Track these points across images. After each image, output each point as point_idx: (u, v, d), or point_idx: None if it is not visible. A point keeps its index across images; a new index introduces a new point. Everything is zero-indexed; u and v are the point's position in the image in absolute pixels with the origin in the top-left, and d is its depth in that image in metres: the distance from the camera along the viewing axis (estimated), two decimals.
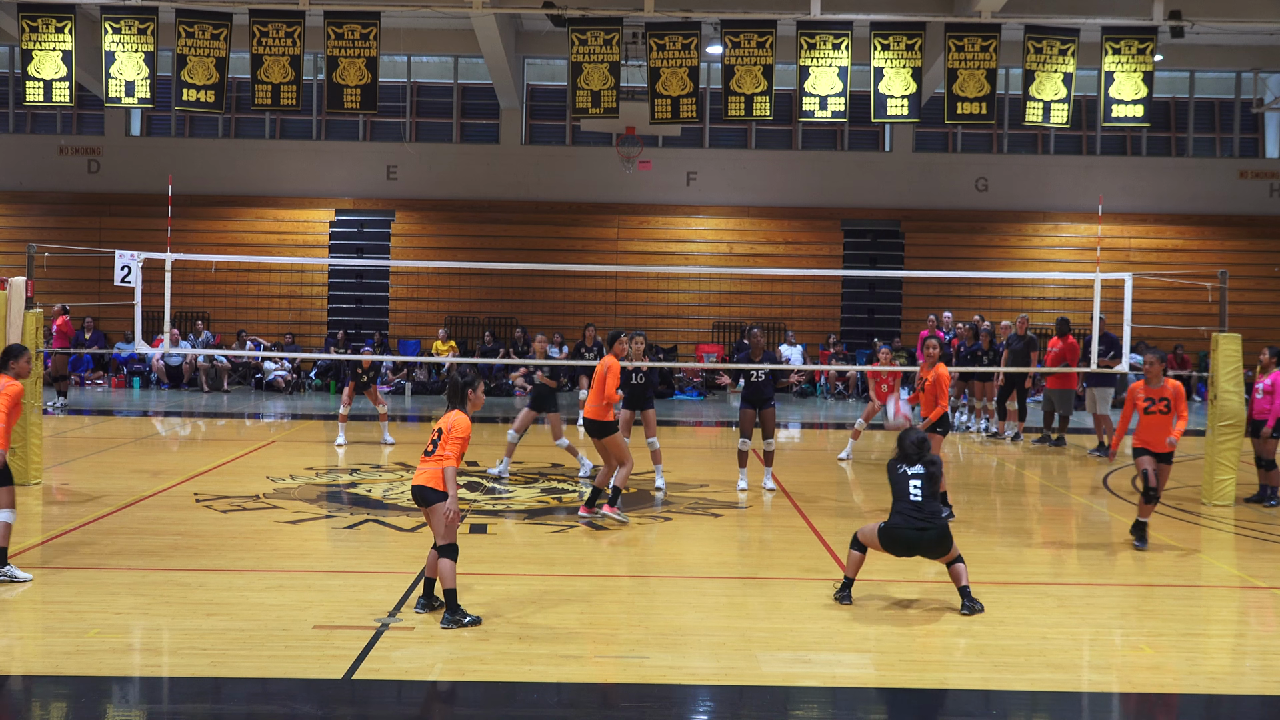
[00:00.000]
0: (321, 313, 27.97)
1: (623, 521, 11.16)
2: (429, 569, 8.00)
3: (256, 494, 12.43)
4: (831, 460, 16.08)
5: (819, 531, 11.06)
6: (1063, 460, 16.62)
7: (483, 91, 29.00)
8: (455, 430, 7.82)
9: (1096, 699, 6.88)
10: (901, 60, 17.30)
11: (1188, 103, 29.25)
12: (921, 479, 8.25)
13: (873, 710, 6.62)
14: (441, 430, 7.85)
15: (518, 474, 14.10)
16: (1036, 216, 28.67)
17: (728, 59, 17.28)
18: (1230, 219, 28.57)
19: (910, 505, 8.22)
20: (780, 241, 28.30)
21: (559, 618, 8.05)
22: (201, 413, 21.24)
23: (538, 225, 28.05)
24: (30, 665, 6.97)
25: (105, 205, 28.07)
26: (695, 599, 8.60)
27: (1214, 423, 12.89)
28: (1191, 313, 24.21)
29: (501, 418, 20.63)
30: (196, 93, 17.17)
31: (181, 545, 9.90)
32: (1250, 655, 7.78)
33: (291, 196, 28.49)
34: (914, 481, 8.25)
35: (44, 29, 17.24)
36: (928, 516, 8.21)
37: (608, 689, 6.77)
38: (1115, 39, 17.40)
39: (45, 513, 11.40)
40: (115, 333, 26.60)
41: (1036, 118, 17.38)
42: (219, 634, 7.45)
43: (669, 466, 14.86)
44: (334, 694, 6.61)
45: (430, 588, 8.00)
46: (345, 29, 17.21)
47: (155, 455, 15.88)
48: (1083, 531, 11.91)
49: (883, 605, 8.48)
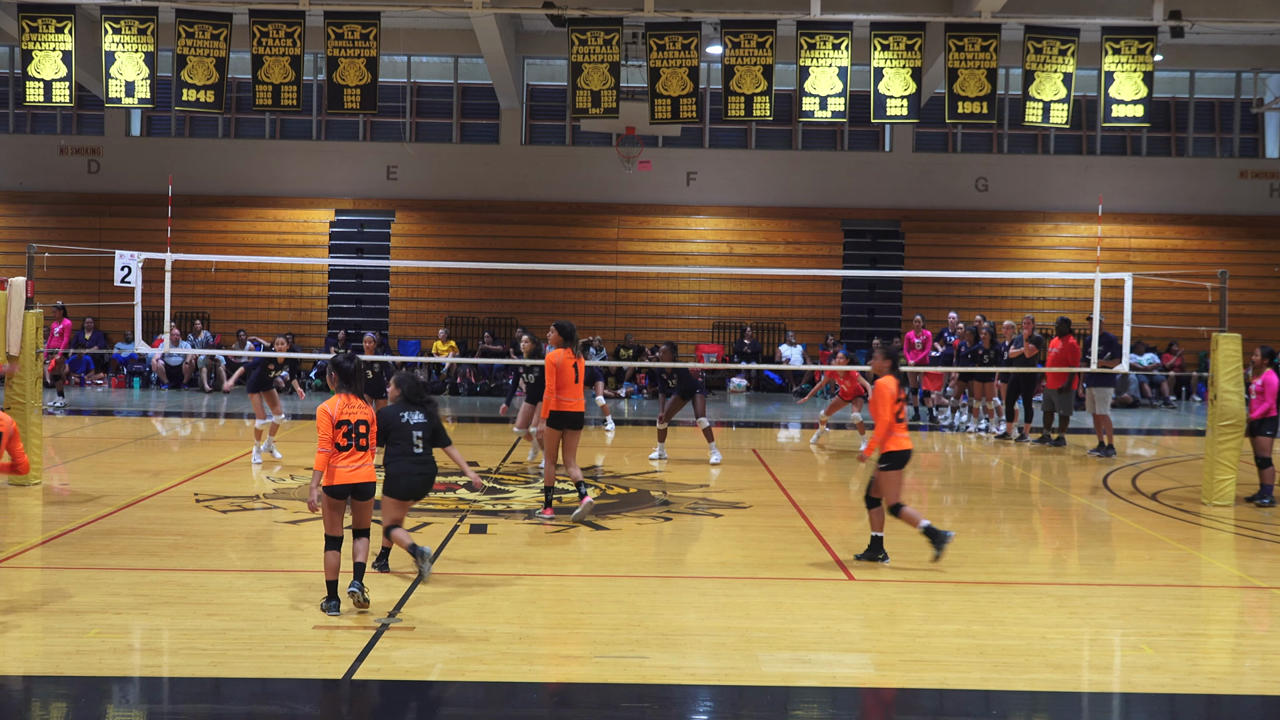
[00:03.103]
0: (321, 313, 27.97)
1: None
2: (358, 553, 8.09)
3: (256, 494, 12.43)
4: (832, 460, 16.07)
5: (819, 532, 11.07)
6: (1063, 460, 16.62)
7: (483, 91, 29.00)
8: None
9: (1096, 699, 6.88)
10: (901, 60, 17.31)
11: (1188, 103, 29.25)
12: (423, 428, 8.73)
13: (873, 710, 6.62)
14: (368, 422, 8.06)
15: (517, 474, 14.10)
16: (1036, 216, 28.66)
17: (728, 59, 17.28)
18: (1230, 219, 28.57)
19: (418, 453, 8.73)
20: (780, 241, 28.31)
21: (559, 617, 8.05)
22: (201, 413, 21.24)
23: (538, 225, 28.05)
24: (30, 665, 6.97)
25: (105, 205, 28.07)
26: (695, 599, 8.59)
27: (1214, 423, 12.89)
28: (1191, 313, 24.19)
29: (502, 418, 20.62)
30: (196, 93, 17.18)
31: (181, 545, 9.90)
32: (1250, 655, 7.78)
33: (291, 196, 28.49)
34: (416, 431, 8.70)
35: (44, 29, 17.25)
36: (429, 459, 8.80)
37: (608, 689, 6.77)
38: (1115, 39, 17.40)
39: (45, 513, 11.41)
40: (115, 333, 26.61)
41: (1036, 118, 17.39)
42: (219, 634, 7.45)
43: (669, 466, 14.87)
44: (334, 694, 6.61)
45: (359, 571, 8.09)
46: (345, 29, 17.22)
47: (155, 455, 15.89)
48: (1083, 531, 11.91)
49: (883, 605, 8.48)
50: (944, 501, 13.67)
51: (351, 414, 7.99)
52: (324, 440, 7.91)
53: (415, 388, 8.85)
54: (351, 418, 7.98)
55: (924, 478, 15.51)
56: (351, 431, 7.96)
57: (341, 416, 7.96)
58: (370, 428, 8.05)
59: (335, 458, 7.93)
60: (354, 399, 8.06)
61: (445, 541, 10.27)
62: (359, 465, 7.97)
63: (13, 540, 10.06)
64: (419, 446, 8.69)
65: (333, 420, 7.93)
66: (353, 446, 7.95)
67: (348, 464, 7.94)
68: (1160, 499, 13.35)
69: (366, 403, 8.22)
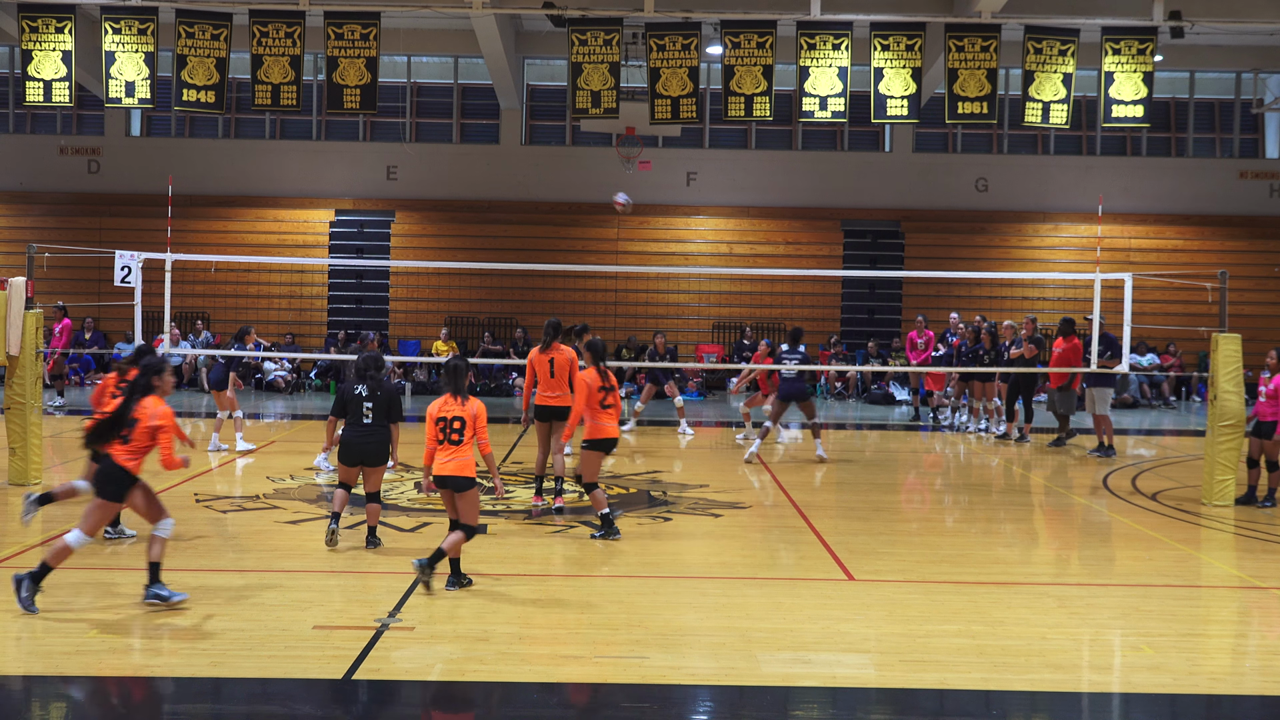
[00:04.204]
0: (321, 313, 27.98)
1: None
2: (452, 549, 8.57)
3: (256, 494, 12.43)
4: (832, 460, 16.07)
5: (819, 531, 11.07)
6: (1063, 460, 16.61)
7: (483, 91, 29.01)
8: (481, 417, 8.65)
9: (1096, 699, 6.88)
10: (901, 60, 17.31)
11: (1188, 103, 29.25)
12: (373, 400, 9.62)
13: (873, 710, 6.62)
14: (464, 419, 8.52)
15: (517, 474, 14.10)
16: (1036, 217, 28.67)
17: (728, 59, 17.28)
18: (1230, 219, 28.58)
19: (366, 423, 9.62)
20: (780, 242, 28.31)
21: (559, 618, 8.05)
22: (201, 413, 21.24)
23: (538, 225, 28.06)
24: (30, 665, 6.97)
25: (105, 205, 28.07)
26: (695, 599, 8.59)
27: (1214, 423, 12.88)
28: (1191, 313, 24.21)
29: (502, 418, 20.64)
30: (196, 93, 17.18)
31: (181, 545, 9.89)
32: (1250, 655, 7.79)
33: (291, 196, 28.49)
34: (366, 403, 9.61)
35: (44, 29, 17.25)
36: (376, 429, 9.65)
37: (608, 689, 6.77)
38: (1115, 39, 17.40)
39: (45, 513, 11.39)
40: (115, 333, 26.60)
41: (1036, 118, 17.39)
42: (219, 634, 7.45)
43: (668, 466, 14.87)
44: (334, 694, 6.60)
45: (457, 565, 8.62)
46: (345, 29, 17.22)
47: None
48: (1083, 532, 11.91)
49: (883, 605, 8.48)
50: (945, 501, 13.68)
51: (448, 411, 8.59)
52: (427, 436, 8.62)
53: (366, 363, 9.65)
54: (448, 414, 8.57)
55: (925, 478, 15.52)
56: (447, 427, 8.54)
57: (439, 414, 8.59)
58: (465, 424, 8.57)
59: (437, 451, 8.57)
60: (453, 398, 8.63)
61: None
62: (447, 459, 8.54)
63: (13, 540, 10.06)
64: (368, 417, 9.56)
65: (432, 417, 8.62)
66: (446, 441, 8.54)
67: (440, 457, 8.57)
68: (1160, 499, 13.34)
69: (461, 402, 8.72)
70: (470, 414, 8.58)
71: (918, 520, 12.44)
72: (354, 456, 9.67)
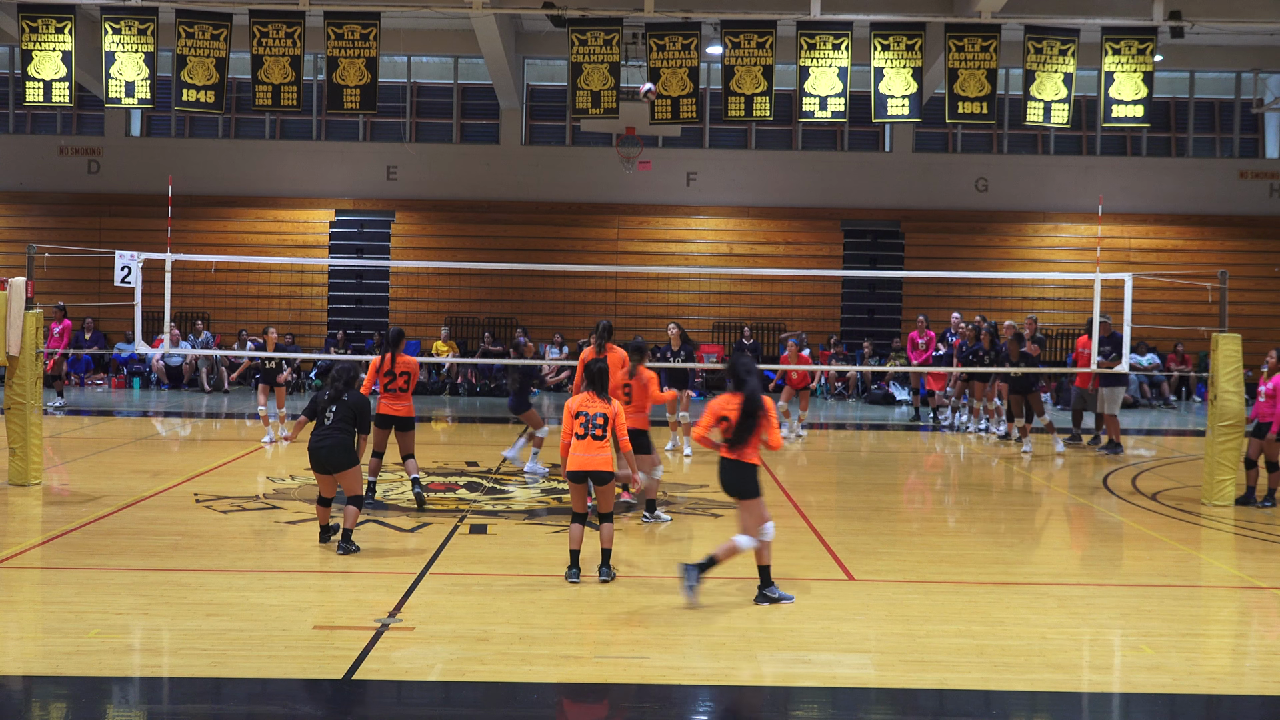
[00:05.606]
0: (321, 313, 27.97)
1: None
2: (605, 539, 9.01)
3: (256, 494, 12.43)
4: (831, 460, 16.07)
5: (819, 531, 11.07)
6: (1062, 460, 16.60)
7: (483, 92, 29.00)
8: (621, 415, 9.07)
9: (1096, 699, 6.88)
10: (901, 60, 17.31)
11: (1188, 103, 29.24)
12: (336, 405, 9.87)
13: (873, 710, 6.62)
14: (606, 415, 8.90)
15: (517, 474, 14.10)
16: (1036, 217, 28.66)
17: (728, 59, 17.28)
18: (1230, 219, 28.57)
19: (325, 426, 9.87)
20: (780, 242, 28.30)
21: (559, 618, 8.05)
22: (201, 413, 21.24)
23: (538, 225, 28.05)
24: (30, 665, 6.96)
25: (105, 205, 28.06)
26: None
27: (1214, 423, 12.88)
28: (1191, 313, 24.21)
29: (501, 418, 20.64)
30: (196, 93, 17.18)
31: (181, 545, 9.90)
32: (1250, 655, 7.79)
33: (291, 197, 28.48)
34: (330, 407, 9.88)
35: (44, 29, 17.24)
36: (330, 432, 9.82)
37: (608, 689, 6.77)
38: (1115, 39, 17.40)
39: (45, 513, 11.41)
40: (115, 333, 26.60)
41: (1037, 118, 17.38)
42: (219, 634, 7.45)
43: (667, 466, 14.86)
44: (334, 694, 6.61)
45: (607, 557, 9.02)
46: (345, 29, 17.22)
47: (155, 455, 15.88)
48: (1083, 532, 11.91)
49: (883, 605, 8.48)
50: (945, 501, 13.68)
51: (589, 408, 8.94)
52: (564, 430, 8.98)
53: (338, 375, 9.96)
54: (589, 410, 8.92)
55: (926, 478, 15.52)
56: (588, 423, 8.88)
57: (579, 409, 8.93)
58: (607, 421, 8.92)
59: (574, 445, 8.87)
60: (595, 396, 8.98)
61: (445, 541, 10.27)
62: (586, 453, 8.85)
63: (13, 540, 10.06)
64: (328, 420, 9.83)
65: (570, 413, 8.94)
66: (588, 436, 8.86)
67: (578, 451, 8.86)
68: (1160, 499, 13.34)
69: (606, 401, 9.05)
70: (612, 412, 8.98)
71: (918, 520, 12.44)
72: (316, 461, 9.84)
